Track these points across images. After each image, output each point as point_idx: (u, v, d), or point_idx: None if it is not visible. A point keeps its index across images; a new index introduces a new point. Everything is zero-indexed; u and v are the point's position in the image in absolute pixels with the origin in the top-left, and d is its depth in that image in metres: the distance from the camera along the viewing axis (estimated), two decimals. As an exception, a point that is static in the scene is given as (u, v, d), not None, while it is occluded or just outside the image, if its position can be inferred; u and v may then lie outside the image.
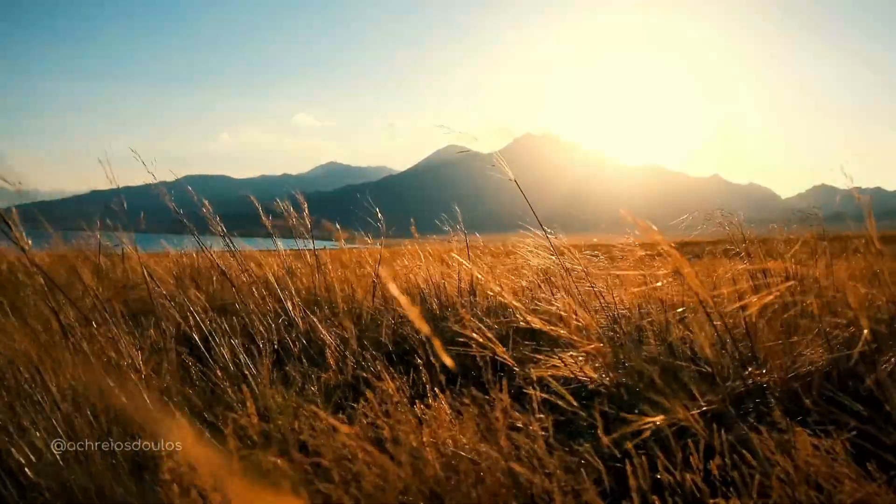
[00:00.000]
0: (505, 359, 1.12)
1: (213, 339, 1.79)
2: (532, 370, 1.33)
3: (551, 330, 1.32)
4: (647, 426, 0.98)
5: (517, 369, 1.05)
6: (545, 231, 2.10)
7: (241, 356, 1.70)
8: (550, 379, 1.10)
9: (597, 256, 2.24)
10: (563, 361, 1.44)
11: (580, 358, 1.46)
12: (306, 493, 0.81)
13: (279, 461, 0.82)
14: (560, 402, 1.11)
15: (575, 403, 1.02)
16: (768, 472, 0.89)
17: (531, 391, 1.03)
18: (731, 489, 0.93)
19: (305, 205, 2.68)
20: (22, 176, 1.69)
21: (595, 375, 1.37)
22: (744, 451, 0.95)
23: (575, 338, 1.31)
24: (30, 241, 1.55)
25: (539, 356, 1.53)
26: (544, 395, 1.05)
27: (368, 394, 0.98)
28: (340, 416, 1.02)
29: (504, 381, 1.04)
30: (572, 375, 1.43)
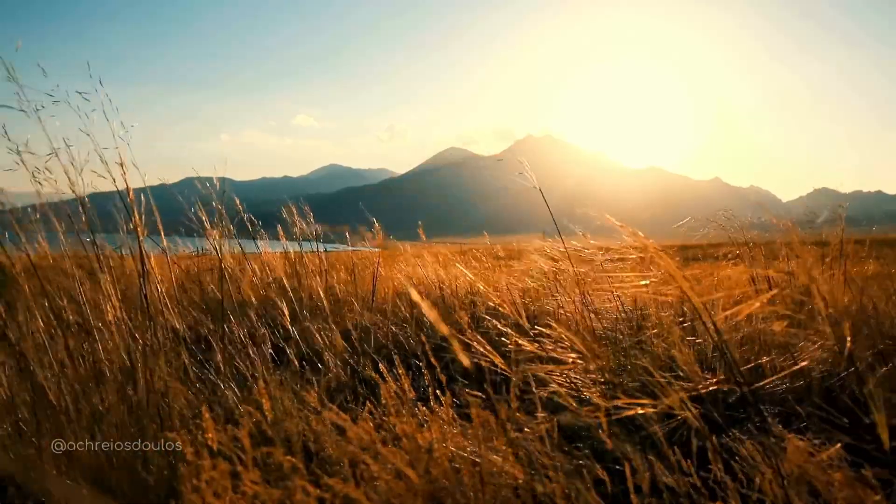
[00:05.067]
0: (503, 369, 1.13)
1: (218, 342, 1.79)
2: (531, 375, 1.34)
3: (541, 350, 1.33)
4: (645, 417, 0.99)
5: (514, 378, 1.06)
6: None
7: (241, 357, 1.70)
8: (555, 386, 1.11)
9: (594, 260, 2.25)
10: (562, 366, 1.44)
11: (578, 363, 1.47)
12: (313, 488, 0.82)
13: (289, 458, 0.83)
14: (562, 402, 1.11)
15: (574, 405, 1.03)
16: (762, 476, 0.90)
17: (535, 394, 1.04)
18: (726, 492, 0.94)
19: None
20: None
21: (595, 377, 1.38)
22: (738, 457, 0.96)
23: (571, 355, 1.32)
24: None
25: (543, 353, 1.53)
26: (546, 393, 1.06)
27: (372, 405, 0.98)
28: (344, 416, 1.03)
29: (506, 383, 1.05)
30: (569, 381, 1.44)
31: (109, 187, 1.71)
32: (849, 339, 0.84)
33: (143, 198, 1.71)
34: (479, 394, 1.09)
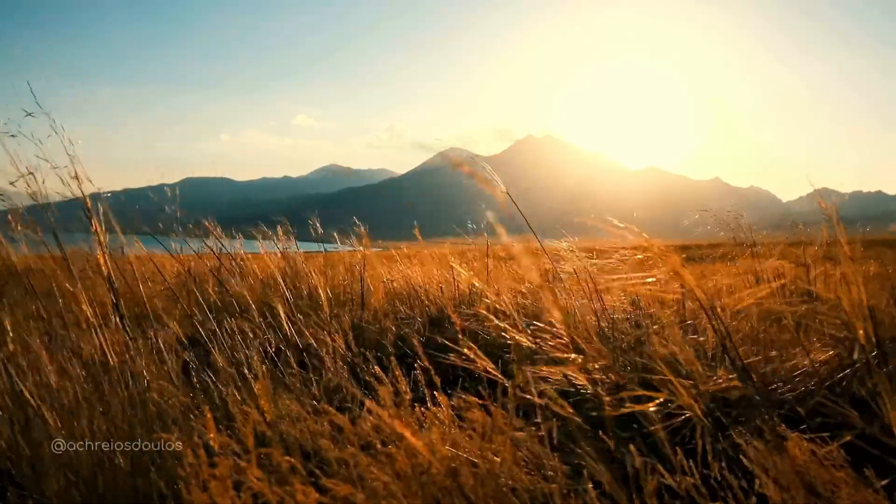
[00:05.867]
0: (496, 375, 1.12)
1: (214, 343, 1.79)
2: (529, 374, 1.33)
3: (538, 344, 1.33)
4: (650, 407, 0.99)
5: (507, 383, 1.06)
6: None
7: (240, 357, 1.70)
8: (547, 387, 1.10)
9: (594, 259, 2.25)
10: (560, 367, 1.44)
11: (577, 362, 1.46)
12: (313, 489, 0.82)
13: (288, 458, 0.83)
14: (557, 409, 1.11)
15: (571, 410, 1.03)
16: (764, 477, 0.90)
17: (534, 397, 1.03)
18: (729, 493, 0.93)
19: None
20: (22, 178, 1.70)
21: (589, 378, 1.37)
22: (740, 457, 0.95)
23: (570, 354, 1.32)
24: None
25: (540, 354, 1.53)
26: (543, 400, 1.05)
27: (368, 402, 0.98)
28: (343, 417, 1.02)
29: (506, 385, 1.05)
30: (567, 381, 1.43)
31: (95, 190, 1.72)
32: (861, 334, 0.84)
33: (98, 205, 1.72)
34: (478, 394, 1.09)
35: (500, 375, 1.08)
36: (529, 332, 1.37)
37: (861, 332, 0.83)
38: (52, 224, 1.64)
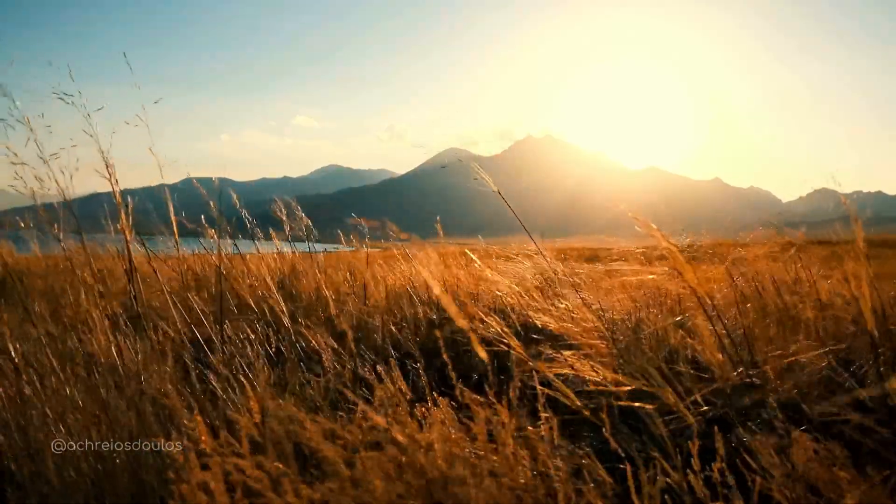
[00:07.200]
0: (520, 353, 1.12)
1: (214, 343, 1.78)
2: (537, 367, 1.33)
3: (561, 328, 1.32)
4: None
5: (530, 363, 1.05)
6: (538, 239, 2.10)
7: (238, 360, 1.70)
8: (554, 378, 1.10)
9: (596, 260, 2.25)
10: (567, 361, 1.43)
11: (582, 357, 1.46)
12: (308, 493, 0.82)
13: (278, 465, 0.82)
14: (565, 401, 1.11)
15: (578, 403, 1.02)
16: (768, 476, 0.89)
17: (539, 388, 1.03)
18: (731, 492, 0.93)
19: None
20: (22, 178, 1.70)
21: (599, 374, 1.37)
22: (745, 455, 0.94)
23: (581, 337, 1.31)
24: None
25: (545, 352, 1.53)
26: (548, 392, 1.05)
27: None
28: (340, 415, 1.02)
29: (507, 384, 1.04)
30: (576, 375, 1.43)
31: (96, 189, 1.70)
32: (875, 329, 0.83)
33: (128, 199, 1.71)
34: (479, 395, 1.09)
35: (525, 354, 1.08)
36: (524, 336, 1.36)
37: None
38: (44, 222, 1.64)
